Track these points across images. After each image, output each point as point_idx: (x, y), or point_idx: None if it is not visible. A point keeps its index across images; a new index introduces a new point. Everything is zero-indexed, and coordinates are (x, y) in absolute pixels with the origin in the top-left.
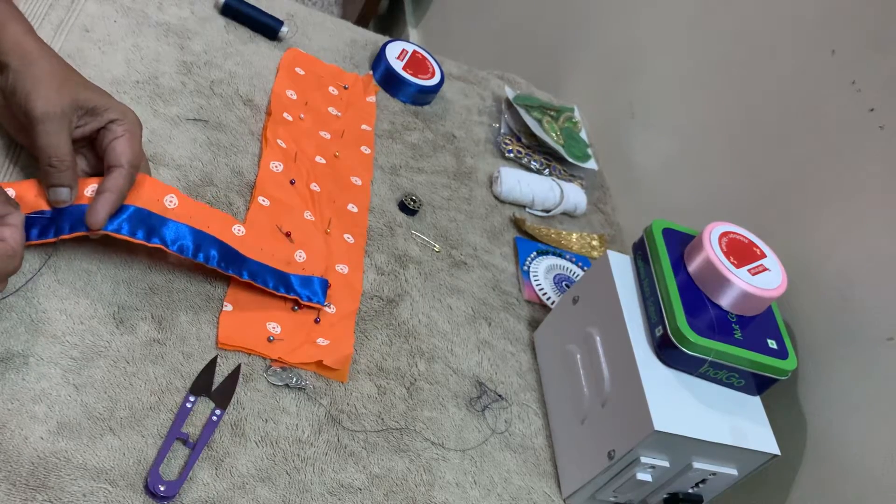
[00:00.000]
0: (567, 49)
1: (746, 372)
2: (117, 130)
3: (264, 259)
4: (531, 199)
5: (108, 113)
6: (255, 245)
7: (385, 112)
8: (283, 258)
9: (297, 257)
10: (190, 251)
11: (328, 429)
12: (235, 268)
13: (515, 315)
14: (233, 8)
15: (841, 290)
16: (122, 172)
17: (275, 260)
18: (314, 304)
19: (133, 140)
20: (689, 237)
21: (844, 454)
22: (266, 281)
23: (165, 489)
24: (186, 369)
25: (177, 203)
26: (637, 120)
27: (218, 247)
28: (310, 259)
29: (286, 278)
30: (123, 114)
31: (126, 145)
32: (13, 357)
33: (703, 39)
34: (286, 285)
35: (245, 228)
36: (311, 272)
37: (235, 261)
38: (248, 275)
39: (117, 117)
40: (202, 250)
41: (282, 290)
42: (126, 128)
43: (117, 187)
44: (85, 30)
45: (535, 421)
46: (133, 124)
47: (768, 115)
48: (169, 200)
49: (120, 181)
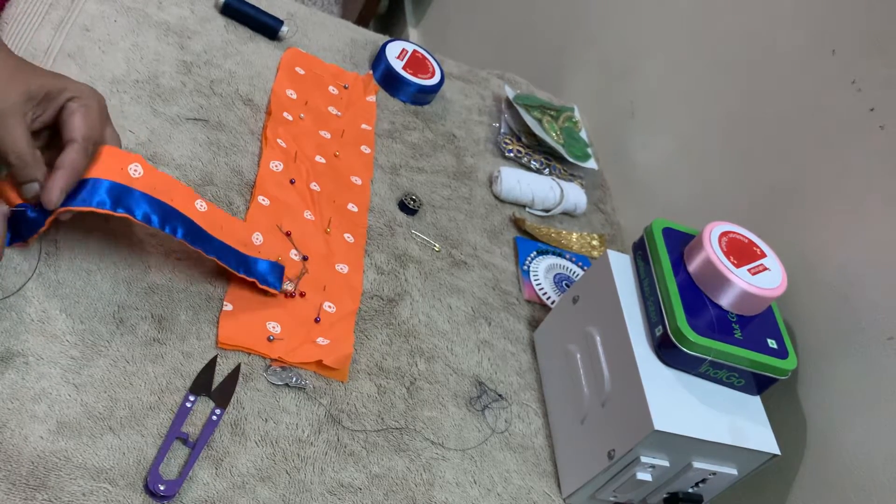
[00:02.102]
0: (567, 49)
1: (746, 371)
2: (72, 107)
3: (223, 237)
4: (531, 198)
5: (64, 94)
6: (216, 223)
7: (385, 112)
8: (241, 239)
9: (255, 240)
10: (156, 222)
11: (328, 428)
12: (201, 244)
13: (515, 315)
14: (233, 7)
15: (841, 290)
16: (74, 147)
17: (233, 240)
18: (270, 290)
19: (88, 113)
20: (689, 237)
21: (844, 453)
22: (229, 261)
23: (165, 488)
24: (186, 369)
25: (142, 172)
26: (637, 119)
27: (183, 222)
28: (266, 243)
29: (245, 260)
30: (78, 90)
31: (80, 119)
32: (13, 356)
33: (703, 39)
34: (246, 267)
35: (206, 205)
36: (266, 256)
37: (200, 237)
38: (213, 252)
39: (73, 95)
40: (168, 223)
41: (242, 272)
42: (81, 102)
43: (70, 162)
44: (85, 29)
45: (534, 420)
46: (88, 98)
47: (768, 114)
48: (133, 169)
49: (72, 156)
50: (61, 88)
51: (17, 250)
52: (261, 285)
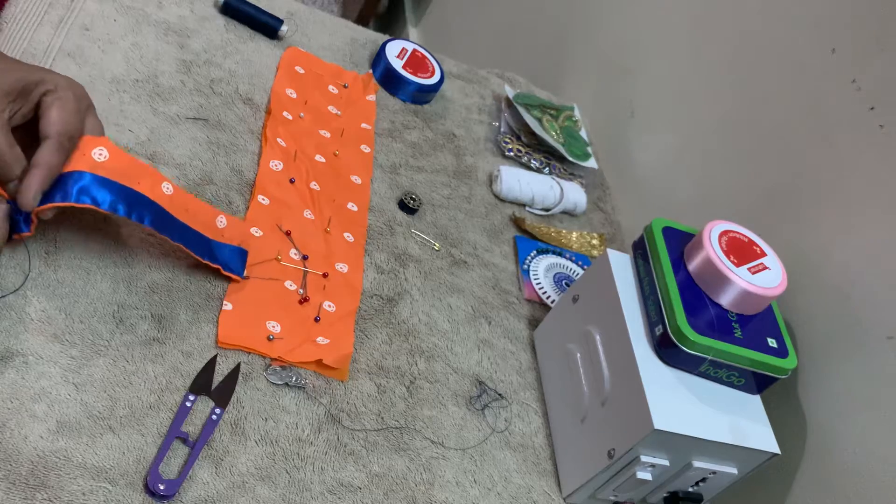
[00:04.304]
0: (567, 48)
1: (746, 371)
2: (47, 101)
3: (188, 220)
4: (531, 197)
5: (40, 87)
6: (182, 205)
7: (385, 111)
8: (205, 221)
9: (218, 223)
10: (122, 211)
11: (328, 428)
12: (168, 232)
13: (515, 314)
14: (232, 6)
15: (841, 289)
16: (49, 144)
17: (197, 223)
18: (234, 276)
19: (64, 107)
20: (689, 236)
21: (844, 452)
22: (194, 248)
23: (165, 488)
24: (186, 368)
25: (107, 155)
26: (637, 118)
27: (150, 208)
28: (230, 226)
29: (210, 246)
30: (54, 82)
31: (55, 113)
32: (13, 356)
33: (702, 39)
34: (210, 254)
35: (172, 188)
36: (229, 240)
37: (166, 224)
38: (179, 239)
39: (48, 88)
40: (135, 211)
41: (206, 259)
42: (56, 95)
43: (45, 161)
44: (84, 28)
45: (534, 420)
46: (64, 90)
47: (768, 113)
48: (98, 153)
49: (47, 154)
50: (38, 81)
51: (11, 248)
52: (224, 272)
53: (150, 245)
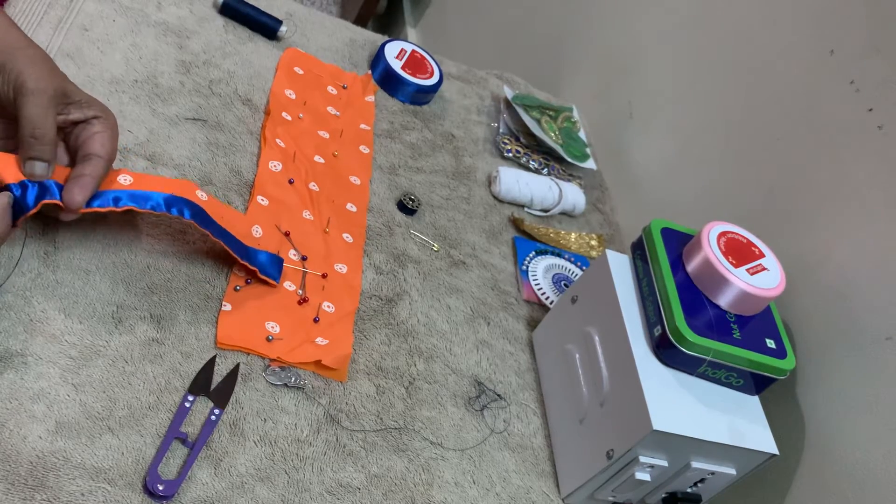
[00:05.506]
0: (566, 49)
1: (745, 371)
2: (98, 126)
3: (225, 226)
4: (530, 198)
5: (91, 109)
6: (217, 213)
7: (384, 111)
8: (241, 231)
9: (254, 232)
10: (162, 207)
11: (327, 428)
12: (207, 227)
13: (514, 314)
14: (231, 7)
15: (839, 290)
16: (100, 161)
17: (234, 231)
18: (270, 281)
19: (113, 138)
20: (687, 237)
21: (843, 453)
22: (232, 247)
23: (164, 488)
24: (185, 369)
25: (131, 180)
26: (636, 120)
27: (189, 205)
28: (266, 235)
29: (246, 249)
30: (105, 112)
31: (107, 140)
32: (12, 356)
33: (702, 39)
34: (247, 256)
35: (207, 196)
36: (265, 248)
37: (205, 221)
38: (219, 235)
39: (100, 115)
40: (174, 206)
41: (244, 259)
42: (107, 125)
43: (97, 174)
44: (84, 29)
45: (533, 420)
46: (114, 124)
47: (767, 114)
48: (124, 179)
49: (99, 168)
50: (90, 102)
51: (9, 244)
52: (261, 275)
53: (150, 246)
